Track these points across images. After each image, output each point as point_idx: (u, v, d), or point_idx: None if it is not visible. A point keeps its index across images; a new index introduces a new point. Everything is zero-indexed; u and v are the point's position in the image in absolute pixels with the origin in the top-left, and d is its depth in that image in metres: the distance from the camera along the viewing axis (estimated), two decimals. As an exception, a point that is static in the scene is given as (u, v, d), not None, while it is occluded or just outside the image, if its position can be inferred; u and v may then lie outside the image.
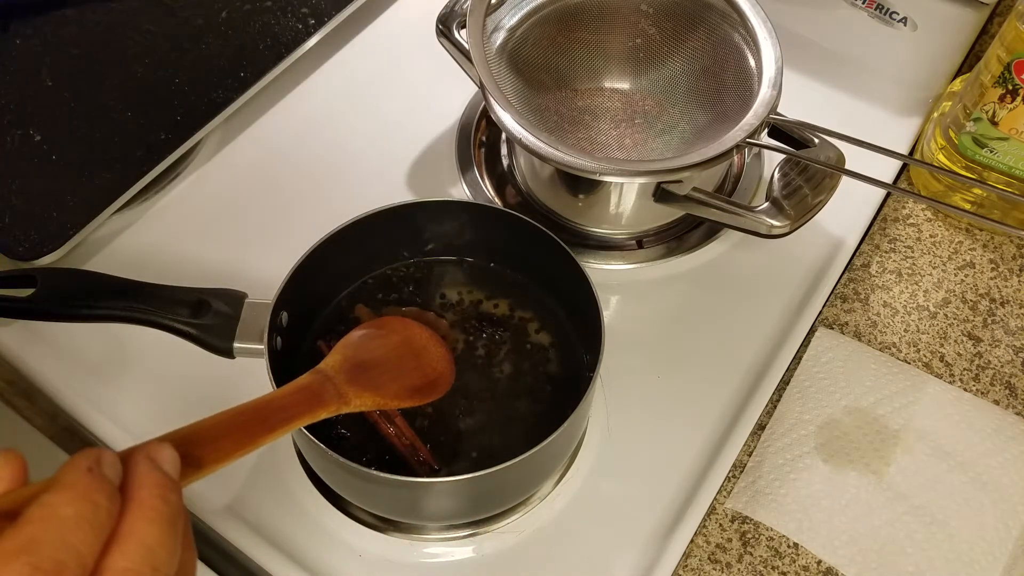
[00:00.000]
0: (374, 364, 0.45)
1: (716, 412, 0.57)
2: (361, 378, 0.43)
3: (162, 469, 0.28)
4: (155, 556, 0.26)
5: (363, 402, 0.43)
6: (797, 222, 0.54)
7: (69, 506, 0.25)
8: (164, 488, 0.27)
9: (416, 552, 0.52)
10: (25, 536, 0.23)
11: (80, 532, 0.24)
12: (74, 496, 0.25)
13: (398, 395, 0.45)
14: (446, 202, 0.55)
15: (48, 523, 0.24)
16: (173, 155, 0.64)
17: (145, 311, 0.47)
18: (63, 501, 0.25)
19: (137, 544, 0.25)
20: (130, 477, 0.27)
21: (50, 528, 0.24)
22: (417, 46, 0.74)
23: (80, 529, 0.24)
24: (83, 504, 0.25)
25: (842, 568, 0.50)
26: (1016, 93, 0.57)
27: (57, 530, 0.24)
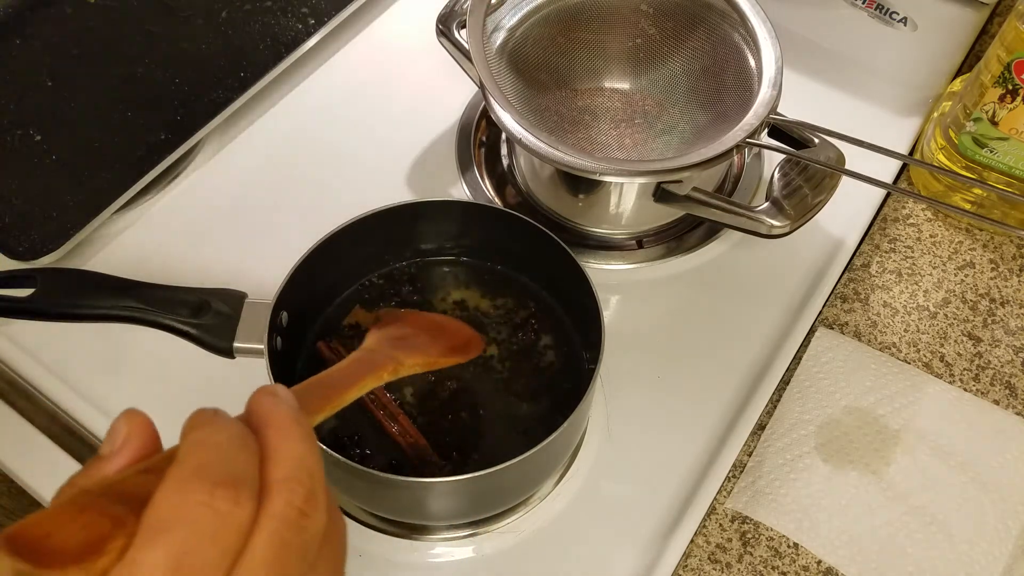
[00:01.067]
0: (408, 336, 0.46)
1: (716, 412, 0.57)
2: (404, 345, 0.44)
3: (285, 400, 0.28)
4: (306, 463, 0.26)
5: (414, 361, 0.43)
6: (797, 222, 0.54)
7: (219, 434, 0.25)
8: (291, 410, 0.28)
9: (416, 552, 0.52)
10: (193, 463, 0.24)
11: (239, 452, 0.25)
12: (217, 428, 0.25)
13: (442, 352, 0.46)
14: (446, 202, 0.55)
15: (208, 449, 0.24)
16: (173, 155, 0.64)
17: (145, 311, 0.47)
18: (211, 432, 0.25)
19: (287, 456, 0.26)
20: (257, 414, 0.27)
21: (211, 452, 0.24)
22: (417, 46, 0.74)
23: (238, 450, 0.25)
24: (229, 429, 0.26)
25: (842, 568, 0.50)
26: (1016, 93, 0.57)
27: (218, 453, 0.24)
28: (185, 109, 0.65)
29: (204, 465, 0.24)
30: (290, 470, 0.25)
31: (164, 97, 0.66)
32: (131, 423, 0.27)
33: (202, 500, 0.23)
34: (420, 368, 0.44)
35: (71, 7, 0.69)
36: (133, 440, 0.26)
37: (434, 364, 0.45)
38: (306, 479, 0.26)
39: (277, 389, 0.29)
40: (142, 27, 0.69)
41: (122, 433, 0.26)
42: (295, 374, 0.53)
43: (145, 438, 0.27)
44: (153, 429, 0.27)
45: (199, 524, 0.23)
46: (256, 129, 0.71)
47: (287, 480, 0.25)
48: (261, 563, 0.24)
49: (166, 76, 0.67)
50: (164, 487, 0.23)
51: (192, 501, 0.23)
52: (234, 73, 0.67)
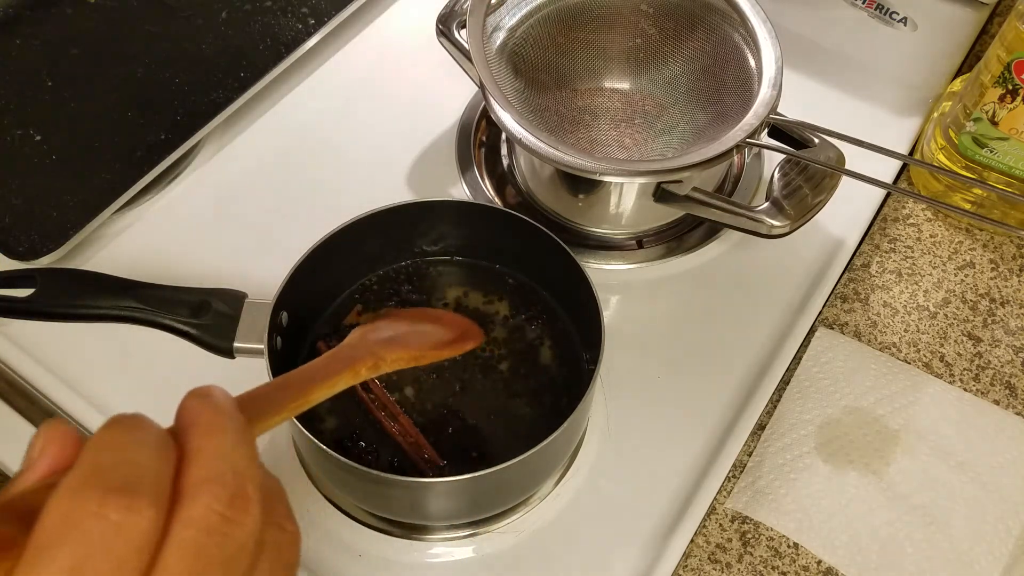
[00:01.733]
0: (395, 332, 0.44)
1: (716, 412, 0.57)
2: (387, 341, 0.42)
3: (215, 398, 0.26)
4: (232, 461, 0.24)
5: (397, 356, 0.41)
6: (797, 222, 0.54)
7: (122, 432, 0.23)
8: (223, 408, 0.25)
9: (416, 552, 0.52)
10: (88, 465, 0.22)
11: (142, 450, 0.22)
12: (122, 426, 0.23)
13: (432, 346, 0.43)
14: (446, 202, 0.55)
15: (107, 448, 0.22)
16: (173, 155, 0.64)
17: (145, 311, 0.47)
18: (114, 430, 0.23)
19: (208, 455, 0.23)
20: (181, 417, 0.25)
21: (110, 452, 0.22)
22: (417, 46, 0.74)
23: (141, 448, 0.23)
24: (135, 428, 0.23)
25: (842, 568, 0.50)
26: (1016, 93, 0.57)
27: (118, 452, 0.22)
28: (185, 109, 0.65)
29: (98, 470, 0.21)
30: (211, 471, 0.23)
31: (164, 97, 0.66)
32: (48, 433, 0.24)
33: (92, 510, 0.20)
34: (404, 363, 0.42)
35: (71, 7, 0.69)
36: (49, 451, 0.24)
37: (421, 359, 0.43)
38: (230, 480, 0.23)
39: (211, 390, 0.26)
40: (142, 27, 0.69)
41: (37, 446, 0.24)
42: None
43: (62, 447, 0.24)
44: (74, 438, 0.24)
45: (89, 536, 0.20)
46: (256, 129, 0.71)
47: (206, 481, 0.23)
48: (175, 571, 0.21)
49: (166, 76, 0.67)
50: (53, 498, 0.21)
51: (82, 511, 0.20)
52: (234, 73, 0.67)
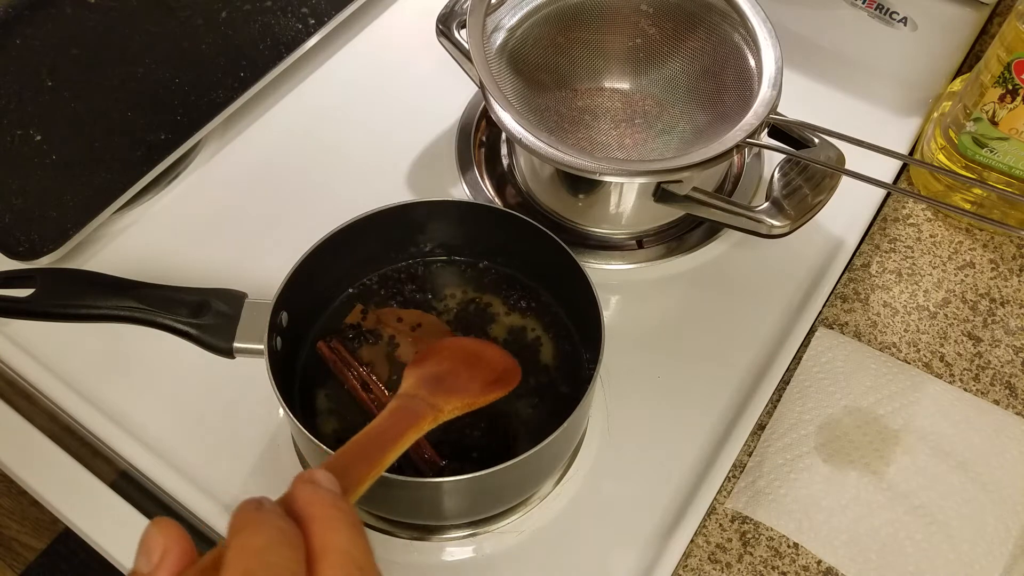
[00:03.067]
0: (446, 375, 0.45)
1: (716, 412, 0.57)
2: (442, 387, 0.44)
3: (325, 486, 0.28)
4: (355, 557, 0.26)
5: (453, 406, 0.43)
6: (797, 222, 0.54)
7: (257, 536, 0.25)
8: (333, 498, 0.27)
9: (416, 552, 0.52)
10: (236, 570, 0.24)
11: (280, 551, 0.25)
12: (256, 528, 0.25)
13: (481, 391, 0.45)
14: (446, 202, 0.55)
15: (248, 554, 0.24)
16: (173, 155, 0.64)
17: (145, 311, 0.47)
18: (249, 535, 0.25)
19: (334, 552, 0.25)
20: (298, 503, 0.27)
21: (251, 558, 0.24)
22: (417, 46, 0.74)
23: (279, 549, 0.25)
24: (268, 530, 0.25)
25: (842, 568, 0.50)
26: (1016, 93, 0.57)
27: (258, 557, 0.24)
28: (185, 109, 0.65)
29: (245, 572, 0.24)
30: (338, 568, 0.25)
31: (164, 97, 0.66)
32: (166, 535, 0.26)
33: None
34: (460, 411, 0.43)
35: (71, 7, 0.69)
36: (172, 553, 0.26)
37: (475, 404, 0.44)
38: (355, 573, 0.25)
39: (316, 476, 0.28)
40: (142, 27, 0.69)
41: (159, 546, 0.26)
42: (295, 374, 0.53)
43: (182, 548, 0.26)
44: (188, 538, 0.26)
45: None
46: (256, 129, 0.71)
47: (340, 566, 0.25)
48: None
49: (166, 76, 0.67)
50: None
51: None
52: (234, 73, 0.67)
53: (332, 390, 0.53)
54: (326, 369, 0.54)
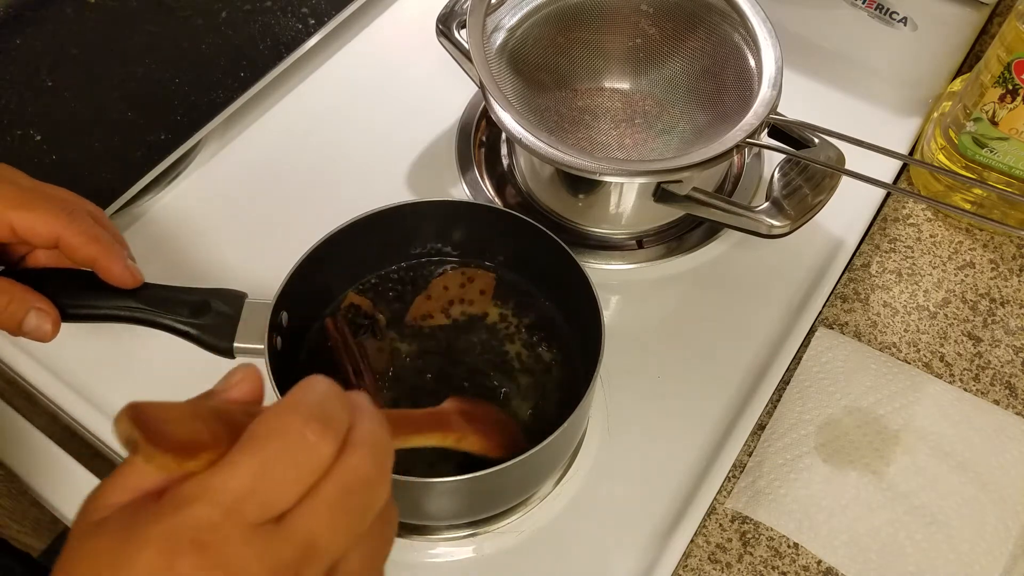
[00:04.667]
0: (479, 417, 0.47)
1: (716, 412, 0.57)
2: (474, 423, 0.46)
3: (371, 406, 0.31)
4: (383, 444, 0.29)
5: (472, 442, 0.45)
6: (797, 222, 0.54)
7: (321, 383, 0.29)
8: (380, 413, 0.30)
9: (416, 552, 0.52)
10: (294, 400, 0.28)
11: (336, 400, 0.28)
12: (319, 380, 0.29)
13: (499, 446, 0.47)
14: (446, 202, 0.55)
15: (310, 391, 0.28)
16: (173, 155, 0.64)
17: (145, 311, 0.47)
18: (314, 381, 0.29)
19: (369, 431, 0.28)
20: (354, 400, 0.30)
21: (313, 394, 0.28)
22: (417, 46, 0.74)
23: (335, 398, 0.28)
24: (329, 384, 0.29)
25: (842, 568, 0.50)
26: (1016, 93, 0.57)
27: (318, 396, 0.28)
28: (185, 109, 0.65)
29: (306, 403, 0.27)
30: (370, 440, 0.28)
31: (164, 97, 0.66)
32: (246, 371, 0.31)
33: (296, 427, 0.26)
34: (473, 449, 0.45)
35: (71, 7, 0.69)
36: (246, 383, 0.30)
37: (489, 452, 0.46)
38: (381, 454, 0.28)
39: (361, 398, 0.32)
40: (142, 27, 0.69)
41: (237, 375, 0.31)
42: (295, 374, 0.53)
43: (255, 385, 0.31)
44: (262, 384, 0.31)
45: (288, 444, 0.26)
46: (256, 129, 0.71)
47: (366, 444, 0.28)
48: (325, 500, 0.27)
49: (166, 76, 0.67)
50: (270, 411, 0.27)
51: (288, 425, 0.26)
52: (234, 73, 0.67)
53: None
54: (327, 368, 0.54)
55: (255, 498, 0.25)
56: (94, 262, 0.45)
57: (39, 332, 0.44)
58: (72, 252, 0.44)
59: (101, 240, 0.44)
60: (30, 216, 0.43)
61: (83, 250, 0.44)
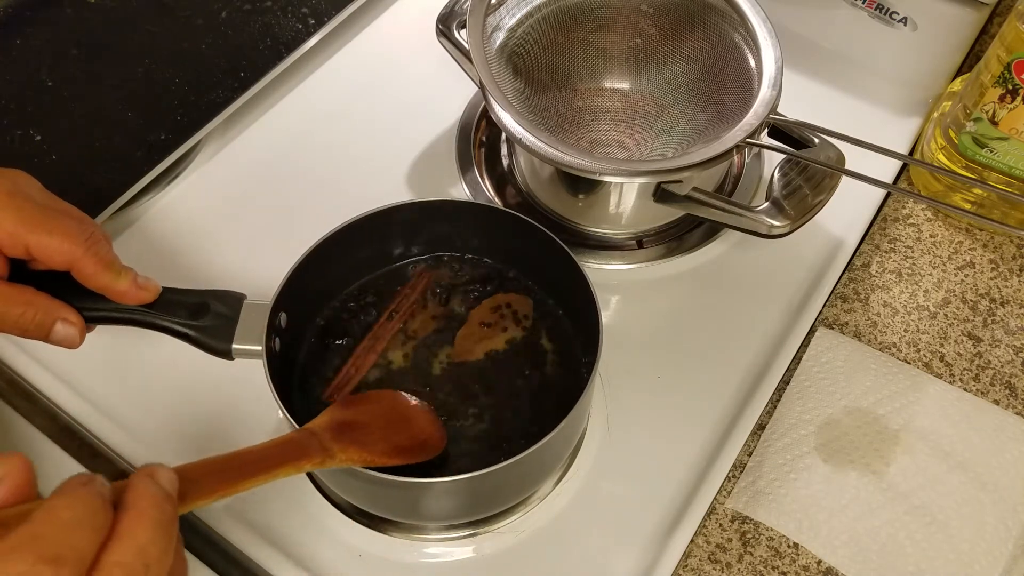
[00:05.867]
0: (361, 425, 0.46)
1: (716, 412, 0.57)
2: (346, 435, 0.44)
3: (159, 484, 0.31)
4: (146, 553, 0.29)
5: (348, 456, 0.43)
6: (797, 222, 0.54)
7: (67, 510, 0.28)
8: (159, 498, 0.30)
9: (416, 552, 0.52)
10: (29, 533, 0.27)
11: (78, 531, 0.28)
12: (71, 502, 0.28)
13: (385, 452, 0.45)
14: (446, 202, 0.55)
15: (50, 524, 0.27)
16: (173, 155, 0.64)
17: (143, 313, 0.47)
18: (62, 506, 0.28)
19: (130, 541, 0.29)
20: (130, 491, 0.30)
21: (51, 527, 0.27)
22: (417, 46, 0.74)
23: (78, 528, 0.28)
24: (80, 508, 0.28)
25: (842, 568, 0.50)
26: (1016, 93, 0.57)
27: (58, 528, 0.27)
28: (185, 109, 0.65)
29: (38, 538, 0.27)
30: (124, 556, 0.28)
31: (164, 97, 0.66)
32: (10, 465, 0.30)
33: (23, 570, 0.26)
34: (354, 463, 0.44)
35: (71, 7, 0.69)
36: (7, 482, 0.29)
37: (371, 462, 0.44)
38: (139, 569, 0.28)
39: (158, 473, 0.32)
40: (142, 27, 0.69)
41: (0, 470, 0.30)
42: (294, 375, 0.53)
43: (19, 481, 0.29)
44: (30, 475, 0.30)
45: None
46: (256, 129, 0.71)
47: (119, 564, 0.28)
48: None
49: (166, 76, 0.67)
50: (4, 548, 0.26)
51: (14, 570, 0.26)
52: (234, 73, 0.67)
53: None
54: (325, 370, 0.54)
55: None
56: (105, 289, 0.44)
57: (68, 341, 0.44)
58: (85, 279, 0.44)
59: (114, 266, 0.44)
60: (47, 240, 0.42)
61: (96, 278, 0.44)
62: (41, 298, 0.44)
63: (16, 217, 0.42)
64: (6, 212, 0.42)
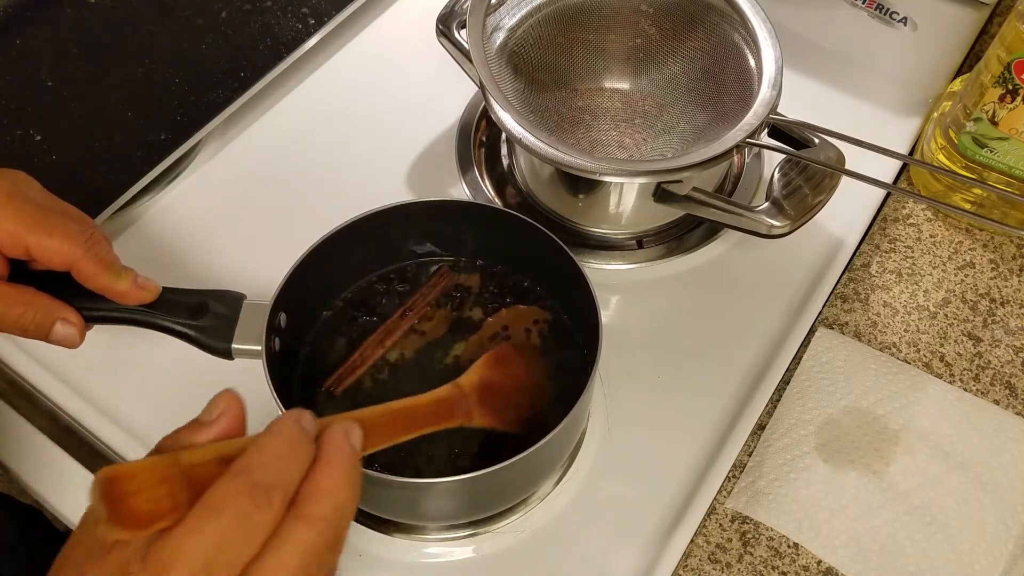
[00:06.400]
0: (501, 392, 0.48)
1: (716, 412, 0.57)
2: (488, 402, 0.47)
3: (352, 443, 0.33)
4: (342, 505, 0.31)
5: (483, 422, 0.46)
6: (797, 222, 0.54)
7: (283, 446, 0.31)
8: (353, 456, 0.33)
9: (416, 552, 0.52)
10: (246, 462, 0.30)
11: (287, 463, 0.31)
12: (283, 439, 0.31)
13: (508, 423, 0.48)
14: (446, 202, 0.55)
15: (264, 454, 0.31)
16: (173, 155, 0.64)
17: (143, 313, 0.47)
18: (275, 442, 0.31)
19: (329, 492, 0.31)
20: (328, 440, 0.32)
21: (265, 457, 0.30)
22: (417, 46, 0.74)
23: (288, 461, 0.31)
24: (290, 445, 0.31)
25: (842, 568, 0.50)
26: (1016, 93, 0.57)
27: (272, 460, 0.30)
28: (185, 109, 0.65)
29: (253, 467, 0.30)
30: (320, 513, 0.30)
31: (164, 97, 0.66)
32: (228, 402, 0.33)
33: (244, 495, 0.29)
34: (484, 425, 0.46)
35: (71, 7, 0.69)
36: (225, 419, 0.33)
37: (495, 427, 0.47)
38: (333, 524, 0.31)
39: (353, 434, 0.34)
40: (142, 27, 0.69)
41: (219, 407, 0.33)
42: (294, 375, 0.53)
43: (235, 418, 0.33)
44: (243, 412, 0.34)
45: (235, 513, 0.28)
46: (256, 129, 0.71)
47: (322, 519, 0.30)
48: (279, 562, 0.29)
49: (166, 76, 0.67)
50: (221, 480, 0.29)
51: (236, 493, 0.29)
52: (234, 73, 0.67)
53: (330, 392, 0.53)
54: (324, 370, 0.54)
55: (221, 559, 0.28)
56: (105, 289, 0.45)
57: (68, 341, 0.45)
58: (86, 279, 0.44)
59: (114, 267, 0.45)
60: (47, 241, 0.43)
61: (96, 279, 0.44)
62: (41, 298, 0.44)
63: (16, 218, 0.42)
64: (6, 213, 0.42)
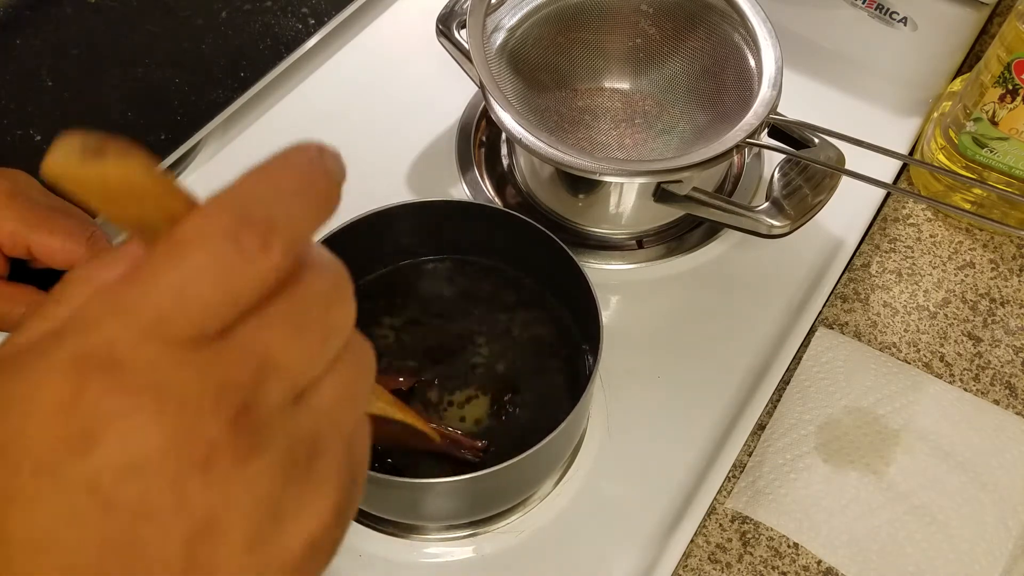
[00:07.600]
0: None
1: (716, 412, 0.57)
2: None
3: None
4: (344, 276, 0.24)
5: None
6: (797, 222, 0.54)
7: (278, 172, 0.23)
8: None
9: (416, 552, 0.52)
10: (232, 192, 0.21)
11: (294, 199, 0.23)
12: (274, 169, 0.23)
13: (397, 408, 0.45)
14: (446, 202, 0.55)
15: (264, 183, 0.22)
16: (173, 155, 0.64)
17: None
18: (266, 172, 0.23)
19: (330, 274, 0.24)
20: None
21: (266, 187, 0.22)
22: (417, 46, 0.74)
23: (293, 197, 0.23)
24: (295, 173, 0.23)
25: (842, 568, 0.50)
26: (1016, 93, 0.57)
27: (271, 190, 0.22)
28: (185, 109, 0.65)
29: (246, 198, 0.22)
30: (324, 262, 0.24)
31: (164, 97, 0.66)
32: None
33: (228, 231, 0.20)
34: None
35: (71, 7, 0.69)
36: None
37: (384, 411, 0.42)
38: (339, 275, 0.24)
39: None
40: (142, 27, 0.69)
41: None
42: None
43: None
44: None
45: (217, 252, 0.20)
46: (256, 129, 0.71)
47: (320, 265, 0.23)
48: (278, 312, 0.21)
49: (166, 76, 0.67)
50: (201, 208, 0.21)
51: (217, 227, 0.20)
52: (234, 73, 0.67)
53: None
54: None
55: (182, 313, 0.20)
56: None
57: None
58: None
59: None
60: (49, 240, 0.42)
61: None
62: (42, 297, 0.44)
63: (17, 217, 0.42)
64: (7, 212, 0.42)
